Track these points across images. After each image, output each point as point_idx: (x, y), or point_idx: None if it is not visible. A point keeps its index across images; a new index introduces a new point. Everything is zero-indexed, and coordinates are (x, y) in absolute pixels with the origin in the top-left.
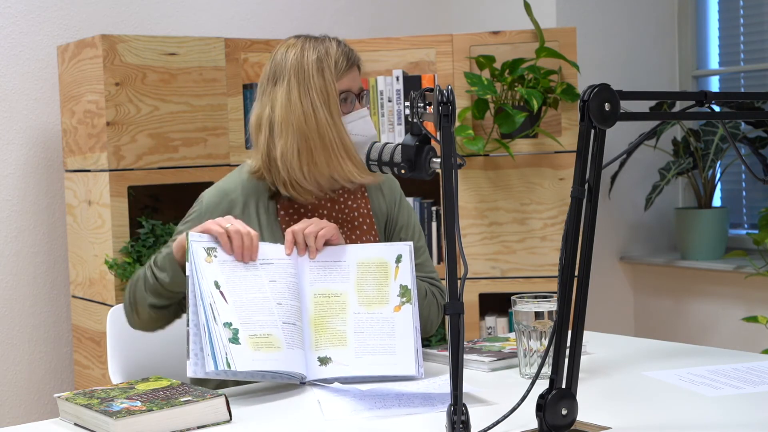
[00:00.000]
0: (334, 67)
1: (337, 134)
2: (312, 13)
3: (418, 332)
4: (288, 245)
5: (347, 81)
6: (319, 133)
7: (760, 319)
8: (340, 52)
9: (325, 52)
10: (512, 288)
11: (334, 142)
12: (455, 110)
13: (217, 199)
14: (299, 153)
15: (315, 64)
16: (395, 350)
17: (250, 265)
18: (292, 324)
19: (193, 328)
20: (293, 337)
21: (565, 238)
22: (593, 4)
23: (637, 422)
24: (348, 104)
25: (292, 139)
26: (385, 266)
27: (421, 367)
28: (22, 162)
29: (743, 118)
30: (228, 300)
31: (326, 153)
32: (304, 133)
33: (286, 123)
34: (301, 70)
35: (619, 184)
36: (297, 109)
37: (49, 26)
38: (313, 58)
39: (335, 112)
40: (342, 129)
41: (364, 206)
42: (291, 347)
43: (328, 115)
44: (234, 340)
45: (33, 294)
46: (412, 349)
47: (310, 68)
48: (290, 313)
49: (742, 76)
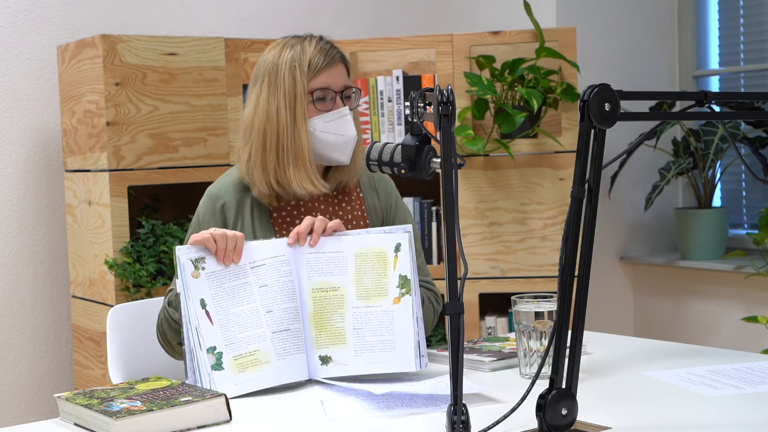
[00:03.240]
0: (307, 66)
1: (291, 139)
2: (312, 13)
3: (420, 322)
4: (291, 237)
5: (325, 78)
6: (278, 136)
7: (760, 319)
8: (317, 50)
9: (300, 51)
10: (512, 288)
11: (286, 146)
12: (455, 110)
13: (210, 207)
14: (256, 155)
15: (288, 63)
16: (395, 346)
17: (240, 273)
18: (284, 330)
19: (188, 346)
20: (286, 344)
21: (565, 238)
22: (593, 4)
23: (637, 422)
24: (327, 102)
25: (255, 141)
26: (384, 256)
27: (424, 358)
28: (22, 162)
29: (743, 118)
30: (213, 320)
31: (276, 157)
32: (264, 135)
33: (252, 125)
34: (274, 70)
35: (619, 184)
36: (262, 111)
37: (49, 26)
38: (287, 58)
39: (299, 115)
40: (301, 134)
41: (359, 207)
42: (282, 357)
43: (291, 117)
44: (217, 366)
45: (33, 294)
46: (411, 343)
47: (283, 68)
48: (282, 319)
49: (742, 76)
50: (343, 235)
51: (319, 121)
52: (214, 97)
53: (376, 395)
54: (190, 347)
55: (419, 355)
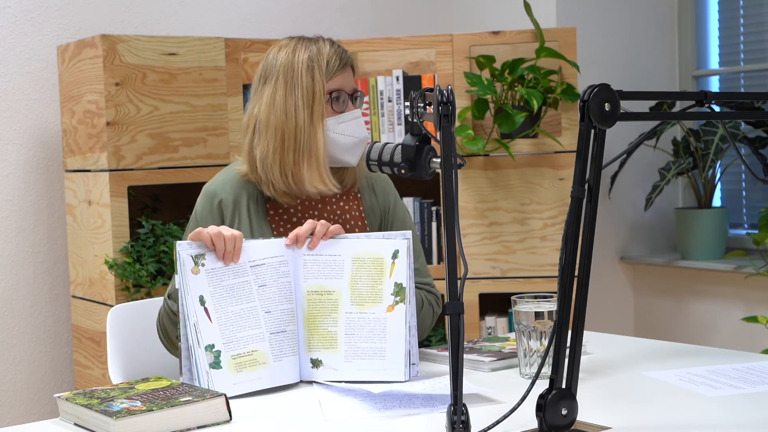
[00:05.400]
0: (325, 66)
1: (309, 138)
2: (312, 13)
3: (414, 330)
4: (290, 238)
5: (339, 80)
6: (295, 134)
7: (760, 319)
8: (332, 52)
9: (317, 52)
10: (512, 288)
11: (302, 145)
12: (455, 110)
13: (207, 205)
14: (274, 154)
15: (305, 63)
16: (385, 354)
17: (239, 271)
18: (281, 332)
19: (185, 343)
20: (282, 346)
21: (565, 238)
22: (593, 4)
23: (637, 422)
24: (340, 104)
25: (271, 140)
26: (381, 262)
27: (414, 366)
28: (22, 162)
29: (743, 118)
30: (212, 317)
31: (294, 155)
32: (282, 134)
33: (267, 123)
34: (290, 69)
35: (619, 184)
36: (279, 109)
37: (49, 26)
38: (304, 58)
39: (317, 114)
40: (318, 134)
41: (356, 208)
42: (279, 359)
43: (308, 116)
44: (215, 364)
45: (33, 294)
46: (402, 352)
47: (300, 67)
48: (280, 320)
49: (742, 76)
50: (341, 239)
51: (334, 122)
52: (214, 97)
53: (374, 395)
54: (188, 344)
55: (409, 364)
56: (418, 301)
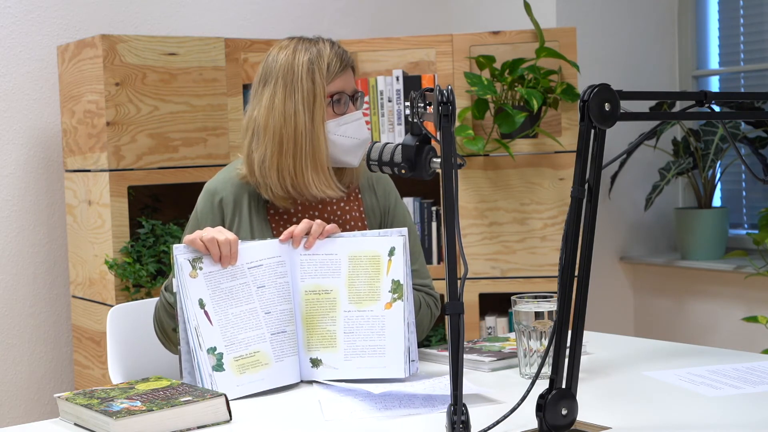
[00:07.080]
0: (326, 69)
1: (310, 142)
2: (312, 13)
3: (412, 327)
4: (285, 235)
5: (340, 82)
6: (295, 138)
7: (760, 319)
8: (333, 54)
9: (317, 54)
10: (512, 288)
11: (304, 149)
12: (455, 110)
13: (208, 203)
14: (272, 158)
15: (305, 66)
16: (384, 351)
17: (237, 273)
18: (282, 332)
19: (185, 346)
20: (283, 346)
21: (565, 238)
22: (593, 4)
23: (637, 422)
24: (341, 105)
25: (269, 144)
26: (378, 260)
27: (414, 363)
28: (22, 162)
29: (743, 118)
30: (213, 320)
31: (294, 160)
32: (280, 138)
33: (266, 126)
34: (290, 71)
35: (619, 184)
36: (278, 112)
37: (49, 26)
38: (304, 60)
39: (318, 117)
40: (319, 137)
41: (357, 208)
42: (281, 359)
43: (309, 120)
44: (218, 367)
45: (33, 294)
46: (401, 349)
47: (300, 70)
48: (280, 321)
49: (742, 76)
50: (337, 237)
51: (335, 124)
52: (214, 97)
53: (374, 395)
54: (189, 347)
55: (409, 360)
56: (415, 302)
